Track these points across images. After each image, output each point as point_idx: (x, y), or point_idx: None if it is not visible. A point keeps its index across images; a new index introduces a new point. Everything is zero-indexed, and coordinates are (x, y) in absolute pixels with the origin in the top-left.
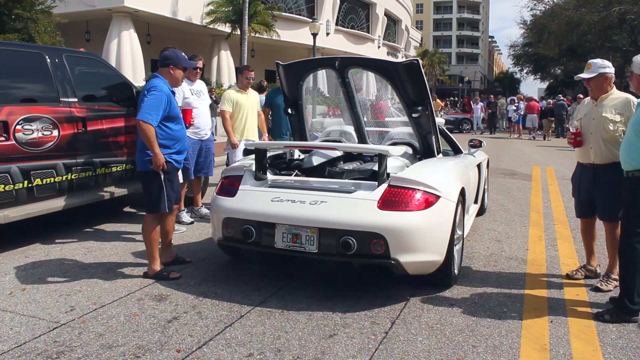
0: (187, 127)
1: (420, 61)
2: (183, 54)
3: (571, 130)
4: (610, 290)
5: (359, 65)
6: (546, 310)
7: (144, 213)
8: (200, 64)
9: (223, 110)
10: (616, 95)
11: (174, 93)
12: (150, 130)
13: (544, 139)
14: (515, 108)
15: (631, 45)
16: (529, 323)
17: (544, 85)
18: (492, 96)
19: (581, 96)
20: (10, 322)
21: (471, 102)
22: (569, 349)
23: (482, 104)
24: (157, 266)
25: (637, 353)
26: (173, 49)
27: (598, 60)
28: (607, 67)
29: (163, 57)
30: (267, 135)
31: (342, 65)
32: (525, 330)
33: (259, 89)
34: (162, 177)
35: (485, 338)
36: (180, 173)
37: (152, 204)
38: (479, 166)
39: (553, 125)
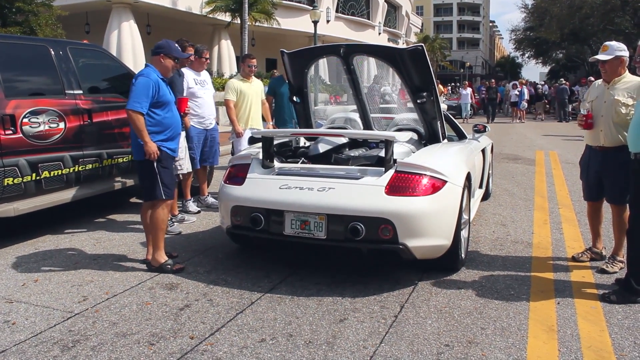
0: (182, 116)
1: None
2: (176, 45)
3: (582, 113)
4: (616, 272)
5: (364, 52)
6: (553, 292)
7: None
8: (206, 54)
9: (227, 100)
10: (629, 78)
11: (165, 81)
12: (139, 120)
13: (542, 120)
14: (517, 93)
15: (634, 27)
16: (536, 305)
17: (546, 69)
18: (492, 81)
19: (592, 79)
20: (25, 313)
21: (458, 88)
22: (576, 330)
23: (470, 89)
24: (162, 258)
25: None
26: (167, 40)
27: (614, 43)
28: (623, 49)
29: (155, 45)
30: (271, 123)
31: (347, 53)
32: (532, 312)
33: None
34: (155, 164)
35: (494, 320)
36: (189, 163)
37: (148, 191)
38: (483, 151)
39: (547, 106)
